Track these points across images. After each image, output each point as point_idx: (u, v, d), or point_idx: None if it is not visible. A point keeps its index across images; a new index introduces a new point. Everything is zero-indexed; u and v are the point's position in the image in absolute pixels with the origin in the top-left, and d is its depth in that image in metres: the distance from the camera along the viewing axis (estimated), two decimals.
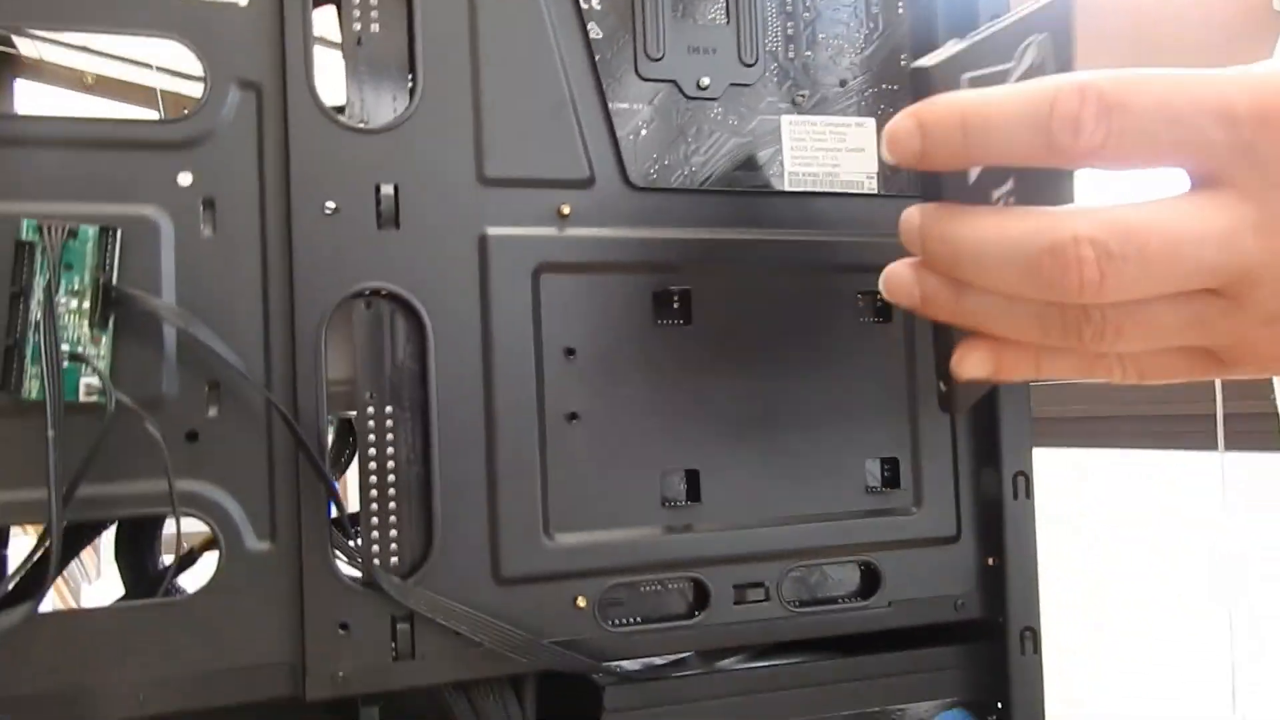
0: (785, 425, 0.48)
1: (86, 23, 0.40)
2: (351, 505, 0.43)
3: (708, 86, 0.47)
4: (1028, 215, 0.29)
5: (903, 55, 0.50)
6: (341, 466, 0.50)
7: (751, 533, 0.47)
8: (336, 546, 0.42)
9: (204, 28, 0.41)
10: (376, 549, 0.43)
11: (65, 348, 0.38)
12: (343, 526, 0.45)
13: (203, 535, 0.50)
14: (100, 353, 0.39)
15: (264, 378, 0.41)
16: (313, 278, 0.42)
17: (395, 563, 0.43)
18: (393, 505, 0.43)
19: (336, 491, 0.42)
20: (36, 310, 0.38)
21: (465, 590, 0.43)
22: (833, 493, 0.49)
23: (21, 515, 0.39)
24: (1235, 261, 0.28)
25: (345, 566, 0.42)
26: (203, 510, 0.40)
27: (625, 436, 0.46)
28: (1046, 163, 0.29)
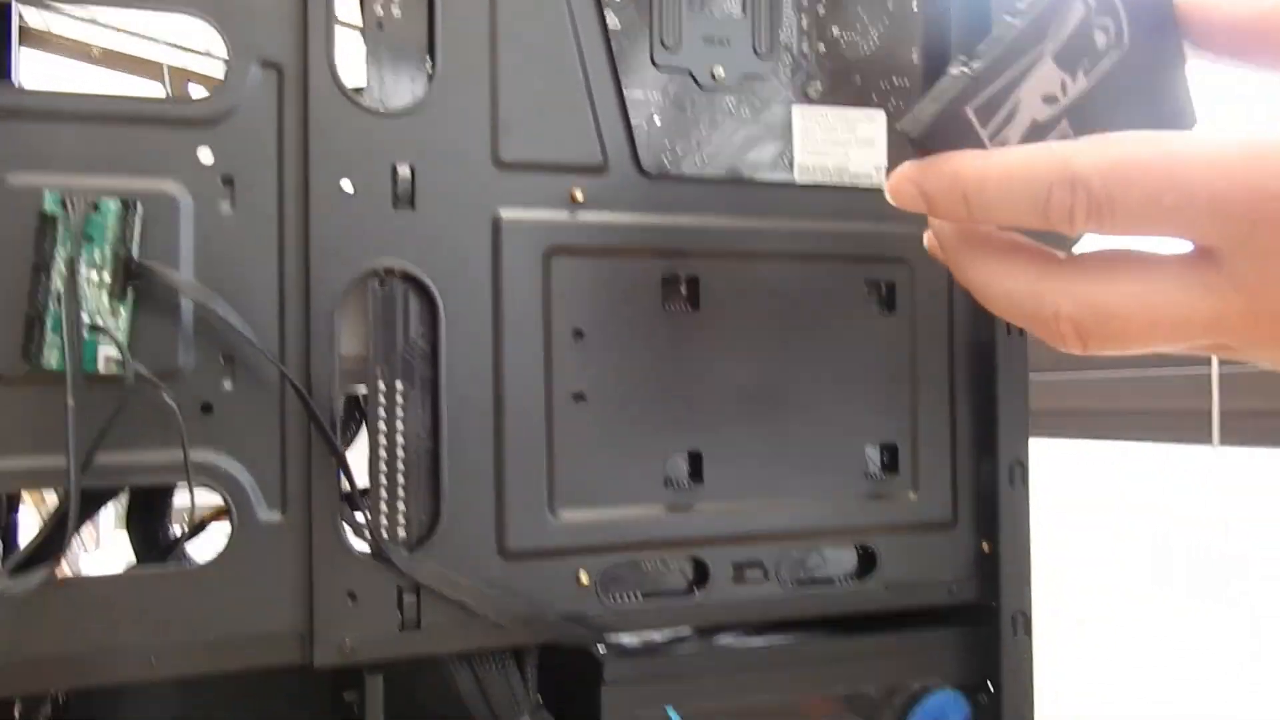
0: (788, 410, 0.49)
1: None
2: (361, 480, 0.44)
3: (722, 77, 0.48)
4: (1017, 276, 0.30)
5: (914, 49, 0.51)
6: (350, 440, 0.51)
7: (752, 514, 0.48)
8: (345, 519, 0.43)
9: (228, 6, 0.41)
10: (385, 521, 0.43)
11: (85, 319, 0.39)
12: (352, 500, 0.46)
13: (213, 508, 0.51)
14: (119, 325, 0.40)
15: (278, 352, 0.42)
16: (328, 255, 0.42)
17: (403, 535, 0.44)
18: (401, 479, 0.44)
19: (347, 464, 0.43)
20: (58, 281, 0.39)
21: (471, 563, 0.44)
22: (832, 477, 0.50)
23: (40, 480, 0.40)
24: (1215, 341, 0.29)
25: (354, 539, 0.43)
26: (216, 480, 0.41)
27: (630, 417, 0.46)
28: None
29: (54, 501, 0.43)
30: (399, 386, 0.44)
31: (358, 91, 0.43)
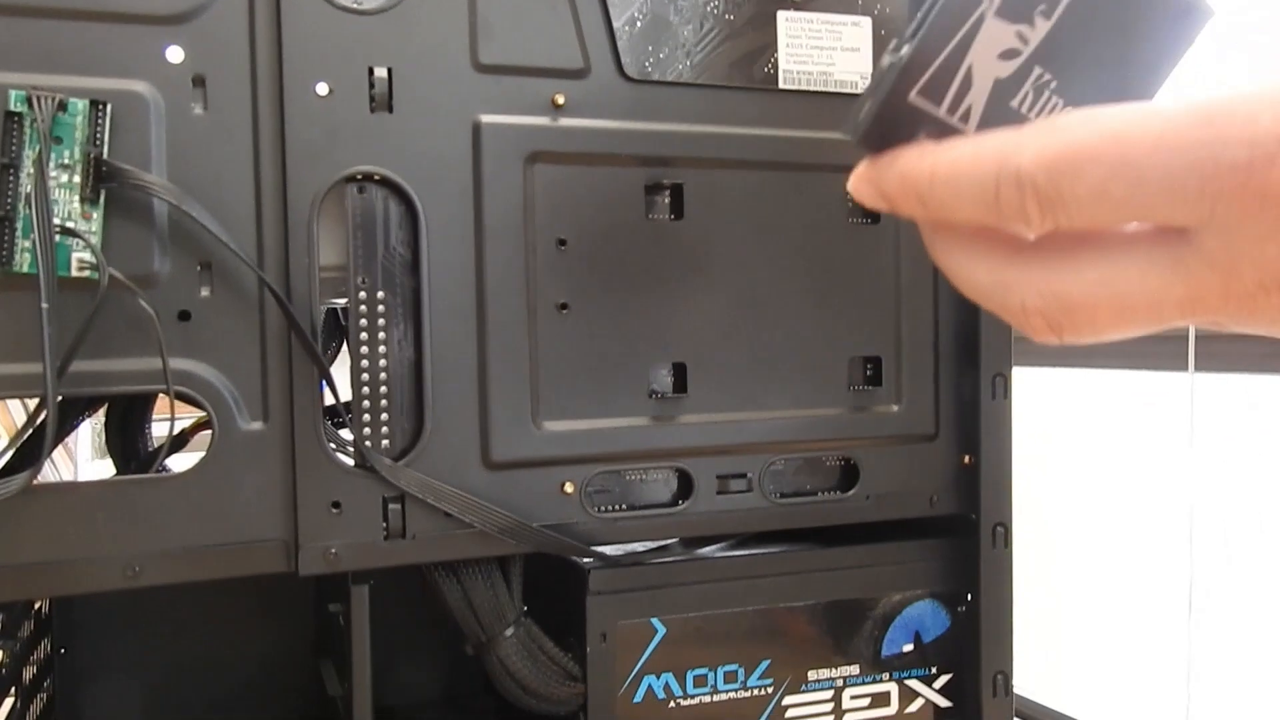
0: (772, 321, 0.49)
1: None
2: (344, 393, 0.44)
3: None
4: (982, 265, 0.29)
5: None
6: (331, 357, 0.50)
7: (735, 425, 0.48)
8: (328, 429, 0.43)
9: None
10: (368, 431, 0.43)
11: (56, 221, 0.38)
12: (335, 410, 0.45)
13: (194, 420, 0.51)
14: (92, 228, 0.39)
15: (256, 259, 0.41)
16: (305, 160, 0.41)
17: (386, 445, 0.43)
18: (384, 389, 0.43)
19: (329, 373, 0.43)
20: (26, 183, 0.38)
21: (455, 474, 0.44)
22: (816, 388, 0.50)
23: (15, 388, 0.40)
24: (1193, 319, 0.27)
25: (337, 449, 0.43)
26: (195, 389, 0.41)
27: (614, 328, 0.46)
28: None
29: (23, 421, 0.42)
30: (380, 295, 0.43)
31: None
